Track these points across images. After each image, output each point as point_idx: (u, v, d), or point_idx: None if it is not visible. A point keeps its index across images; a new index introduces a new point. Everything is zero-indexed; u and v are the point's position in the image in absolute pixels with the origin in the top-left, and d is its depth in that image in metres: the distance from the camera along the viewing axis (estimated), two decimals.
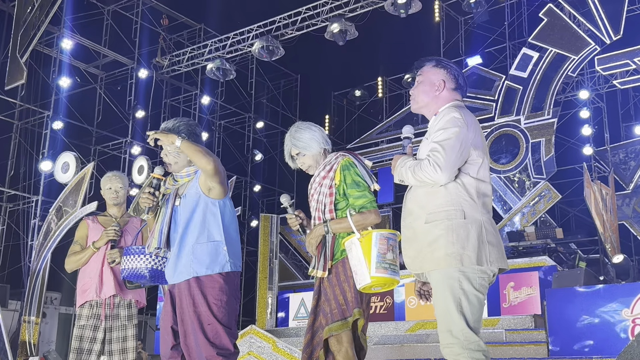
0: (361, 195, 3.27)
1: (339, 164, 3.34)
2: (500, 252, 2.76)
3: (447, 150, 2.69)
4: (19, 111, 13.71)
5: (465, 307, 2.66)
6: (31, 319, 11.37)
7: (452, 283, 2.68)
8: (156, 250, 3.48)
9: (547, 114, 12.17)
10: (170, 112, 15.94)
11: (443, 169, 2.68)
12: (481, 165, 2.77)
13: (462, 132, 2.72)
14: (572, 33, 11.93)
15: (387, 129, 15.32)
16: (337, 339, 3.21)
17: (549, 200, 11.82)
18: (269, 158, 17.66)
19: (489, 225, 2.74)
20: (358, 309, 3.21)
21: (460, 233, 2.68)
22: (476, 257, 2.67)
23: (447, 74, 2.95)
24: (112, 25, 14.62)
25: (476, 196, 2.74)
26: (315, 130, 3.50)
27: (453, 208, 2.72)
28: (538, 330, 6.82)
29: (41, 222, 12.21)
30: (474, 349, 2.61)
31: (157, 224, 3.50)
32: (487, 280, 2.73)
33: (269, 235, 12.13)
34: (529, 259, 9.13)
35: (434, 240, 2.72)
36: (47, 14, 12.09)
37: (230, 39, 14.30)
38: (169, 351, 3.41)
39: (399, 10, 11.85)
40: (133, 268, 3.60)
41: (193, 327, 3.31)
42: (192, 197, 3.46)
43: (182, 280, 3.38)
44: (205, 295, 3.34)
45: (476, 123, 2.84)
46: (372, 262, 3.00)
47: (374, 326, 8.00)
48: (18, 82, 12.24)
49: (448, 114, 2.79)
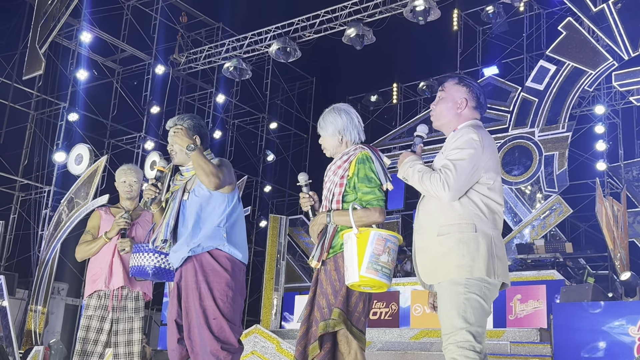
0: (370, 192, 3.22)
1: (355, 156, 3.30)
2: (506, 268, 2.82)
3: (459, 171, 2.74)
4: (35, 101, 13.82)
5: (468, 312, 2.69)
6: (38, 309, 11.45)
7: (457, 289, 2.72)
8: (162, 244, 3.50)
9: (561, 128, 12.12)
10: (185, 109, 16.01)
11: (451, 188, 2.74)
12: (492, 185, 2.82)
13: (476, 155, 2.77)
14: (591, 47, 11.88)
15: (400, 135, 15.31)
16: (346, 339, 3.15)
17: (560, 214, 11.77)
18: (280, 159, 17.69)
19: (498, 241, 2.81)
20: (338, 310, 3.12)
21: (471, 246, 2.73)
22: (486, 269, 2.71)
23: (470, 92, 2.97)
24: (132, 20, 14.71)
25: (487, 212, 2.79)
26: (342, 115, 3.41)
27: (465, 222, 2.76)
28: (543, 344, 6.79)
29: (52, 213, 12.31)
30: (467, 349, 2.64)
31: (164, 218, 3.54)
32: (492, 292, 2.77)
33: (278, 237, 12.15)
34: (537, 272, 9.10)
35: (446, 252, 2.76)
36: (67, 6, 12.19)
37: (247, 39, 14.35)
38: (176, 345, 3.43)
39: (418, 17, 11.84)
40: (139, 265, 3.78)
41: (198, 321, 3.34)
42: (200, 192, 3.53)
43: (185, 255, 3.46)
44: (212, 290, 3.38)
45: (492, 145, 2.88)
46: (364, 261, 2.94)
47: (378, 332, 7.99)
48: (36, 72, 12.34)
49: (467, 134, 2.83)
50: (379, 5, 12.51)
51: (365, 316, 3.23)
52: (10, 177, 13.30)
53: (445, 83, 3.02)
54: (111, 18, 14.43)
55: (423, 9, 11.68)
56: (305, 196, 3.43)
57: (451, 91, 2.98)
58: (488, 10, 13.20)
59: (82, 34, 13.36)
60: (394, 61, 16.77)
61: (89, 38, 13.57)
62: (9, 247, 13.17)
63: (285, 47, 13.42)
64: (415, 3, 11.71)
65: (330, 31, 13.29)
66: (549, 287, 8.51)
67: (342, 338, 3.18)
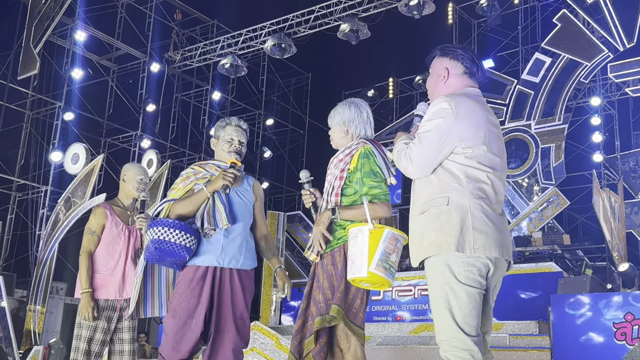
0: (377, 186, 3.20)
1: (358, 150, 3.28)
2: (494, 240, 2.58)
3: (423, 143, 2.64)
4: (30, 101, 13.79)
5: (453, 302, 2.54)
6: (37, 308, 11.44)
7: (437, 277, 2.59)
8: (211, 231, 3.39)
9: (558, 120, 12.12)
10: (181, 106, 15.99)
11: (414, 162, 2.65)
12: (471, 154, 2.63)
13: (445, 124, 2.63)
14: (586, 39, 11.88)
15: (397, 130, 15.30)
16: (345, 335, 3.15)
17: (557, 207, 11.78)
18: (277, 155, 17.68)
19: (479, 212, 2.58)
20: (337, 307, 3.10)
21: (442, 220, 2.58)
22: (456, 243, 2.53)
23: (450, 60, 2.85)
24: (126, 18, 14.68)
25: (465, 182, 2.61)
26: (351, 108, 3.41)
27: (439, 196, 2.62)
28: (542, 336, 6.80)
29: (49, 212, 12.29)
30: (459, 347, 2.51)
31: (216, 204, 3.44)
32: (476, 273, 2.56)
33: (276, 233, 12.15)
34: (535, 265, 9.10)
35: (423, 231, 2.65)
36: (61, 5, 12.16)
37: (242, 36, 14.33)
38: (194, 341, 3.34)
39: (413, 11, 11.83)
40: (168, 241, 3.31)
41: (234, 317, 3.38)
42: (246, 192, 3.59)
43: (248, 267, 3.50)
44: (244, 289, 3.45)
45: (471, 112, 2.68)
46: (375, 258, 2.89)
47: (377, 327, 8.00)
48: (31, 72, 12.32)
49: (437, 104, 2.69)
50: (374, 0, 12.50)
51: (362, 312, 3.20)
52: (6, 178, 13.28)
53: (431, 61, 2.94)
54: (105, 16, 14.40)
55: (417, 2, 11.67)
56: (306, 193, 3.42)
57: (434, 65, 2.90)
58: (482, 4, 13.18)
59: (77, 33, 13.33)
60: (389, 56, 16.76)
61: (84, 37, 13.54)
62: (7, 247, 13.15)
63: (281, 43, 13.40)
64: None
65: (325, 27, 13.27)
66: (547, 279, 8.52)
67: (342, 334, 3.17)
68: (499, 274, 2.72)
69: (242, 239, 3.47)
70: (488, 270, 2.61)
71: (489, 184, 2.65)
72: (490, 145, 2.69)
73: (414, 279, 9.39)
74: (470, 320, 2.54)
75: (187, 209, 3.44)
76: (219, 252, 3.39)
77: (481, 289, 2.60)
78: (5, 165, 13.28)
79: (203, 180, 3.50)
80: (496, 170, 2.69)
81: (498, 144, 2.74)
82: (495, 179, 2.68)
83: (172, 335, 3.30)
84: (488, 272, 2.62)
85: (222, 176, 3.42)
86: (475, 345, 2.53)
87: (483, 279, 2.60)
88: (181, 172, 3.72)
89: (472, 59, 2.85)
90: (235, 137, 3.61)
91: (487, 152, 2.67)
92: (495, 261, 2.63)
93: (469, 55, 2.86)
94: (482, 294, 2.60)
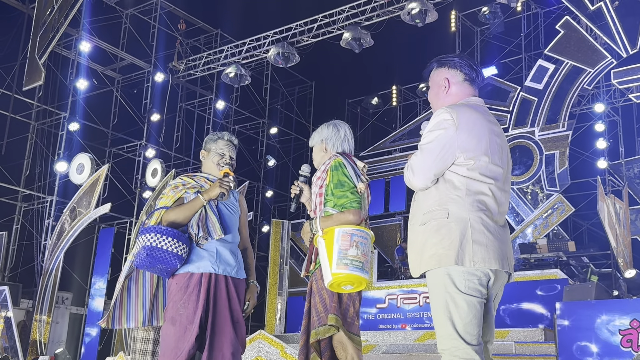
0: (342, 195, 3.28)
1: (329, 165, 3.40)
2: (494, 252, 2.57)
3: (425, 154, 2.64)
4: (36, 112, 13.87)
5: (453, 311, 2.53)
6: (42, 318, 11.47)
7: (438, 287, 2.59)
8: (204, 240, 3.41)
9: (561, 127, 12.12)
10: (185, 116, 16.04)
11: (415, 173, 2.65)
12: (473, 165, 2.62)
13: (446, 135, 2.62)
14: (589, 46, 11.89)
15: (400, 137, 15.33)
16: (341, 346, 3.22)
17: (562, 213, 11.76)
18: (282, 164, 17.71)
19: (479, 224, 2.57)
20: (334, 316, 3.18)
21: (442, 233, 2.58)
22: (455, 256, 2.53)
23: (449, 69, 2.85)
24: (130, 28, 14.76)
25: (466, 193, 2.60)
26: (330, 127, 3.58)
27: (439, 208, 2.62)
28: (548, 344, 6.79)
29: (55, 222, 12.34)
30: (460, 357, 2.51)
31: (208, 214, 3.46)
32: (477, 282, 2.55)
33: (280, 241, 12.17)
34: (541, 272, 9.09)
35: (424, 243, 2.65)
36: (66, 16, 12.24)
37: (246, 45, 14.39)
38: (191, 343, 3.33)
39: (415, 19, 11.87)
40: (163, 249, 3.29)
41: (231, 321, 3.40)
42: (233, 205, 3.64)
43: (241, 277, 3.53)
44: (239, 295, 3.49)
45: (473, 123, 2.67)
46: (334, 259, 2.98)
47: (383, 335, 7.99)
48: (36, 83, 12.39)
49: (439, 115, 2.69)
50: (376, 9, 12.54)
51: (357, 319, 3.32)
52: (12, 188, 13.34)
53: (430, 74, 2.95)
54: (110, 27, 14.49)
55: (419, 10, 11.71)
56: (295, 184, 3.55)
57: (433, 77, 2.90)
58: (485, 11, 13.22)
59: (81, 44, 13.41)
60: (392, 64, 16.81)
61: (88, 47, 13.62)
62: (13, 257, 13.20)
63: (284, 52, 13.45)
64: (410, 6, 11.74)
65: (328, 35, 13.32)
66: (552, 286, 8.51)
67: (337, 345, 3.25)
68: (499, 284, 2.72)
69: (233, 249, 3.54)
70: (489, 279, 2.61)
71: (490, 195, 2.65)
72: (492, 155, 2.68)
73: (419, 287, 9.38)
74: (471, 330, 2.54)
75: (182, 215, 3.46)
76: (214, 259, 3.43)
77: (482, 297, 2.59)
78: (11, 175, 13.33)
79: (193, 190, 3.53)
80: (498, 181, 2.69)
81: (501, 154, 2.73)
82: (497, 190, 2.68)
83: (174, 343, 3.30)
84: (489, 281, 2.62)
85: (218, 184, 3.46)
86: (477, 354, 2.52)
87: (484, 288, 2.60)
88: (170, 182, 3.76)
89: (470, 66, 2.86)
90: (227, 152, 3.67)
91: (488, 163, 2.66)
92: (496, 272, 2.62)
93: (466, 62, 2.86)
94: (482, 302, 2.60)
